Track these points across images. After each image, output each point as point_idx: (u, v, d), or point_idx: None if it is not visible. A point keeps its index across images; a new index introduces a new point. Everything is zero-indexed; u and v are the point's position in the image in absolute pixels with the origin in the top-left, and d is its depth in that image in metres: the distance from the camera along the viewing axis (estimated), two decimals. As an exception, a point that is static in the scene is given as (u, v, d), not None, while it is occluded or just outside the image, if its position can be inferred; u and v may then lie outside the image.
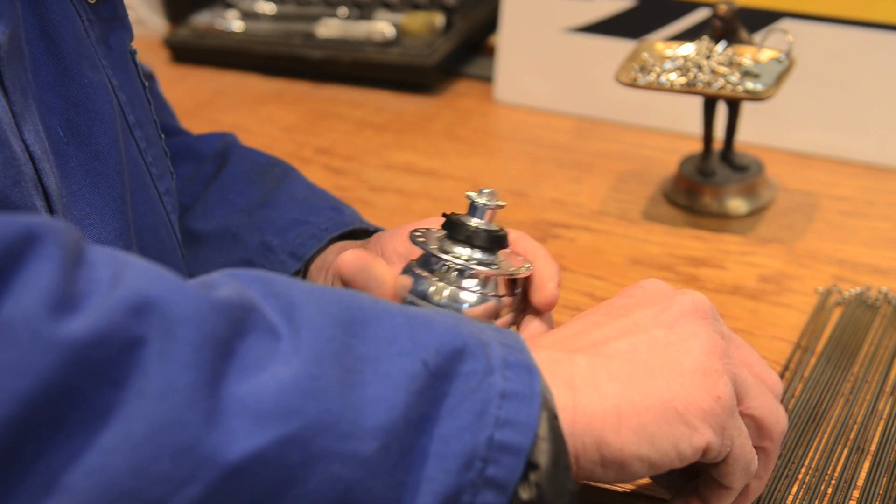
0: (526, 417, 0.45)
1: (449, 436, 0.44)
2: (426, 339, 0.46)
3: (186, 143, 0.83)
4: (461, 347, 0.46)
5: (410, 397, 0.44)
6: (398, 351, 0.45)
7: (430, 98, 1.22)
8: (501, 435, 0.45)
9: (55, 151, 0.58)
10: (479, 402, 0.45)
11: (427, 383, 0.44)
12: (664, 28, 1.10)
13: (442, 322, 0.47)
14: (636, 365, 0.51)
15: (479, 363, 0.46)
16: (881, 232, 0.92)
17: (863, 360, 0.77)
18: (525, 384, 0.46)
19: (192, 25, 1.36)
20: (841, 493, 0.66)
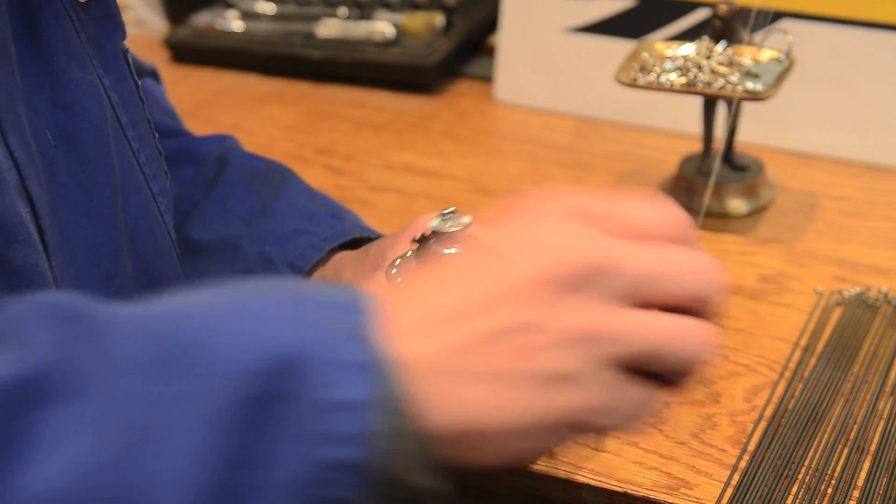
0: (359, 428, 0.41)
1: (278, 465, 0.40)
2: (240, 361, 0.40)
3: (187, 146, 0.82)
4: (283, 359, 0.41)
5: (223, 438, 0.40)
6: (205, 388, 0.40)
7: (430, 98, 1.22)
8: (331, 452, 0.41)
9: (42, 154, 0.58)
10: (305, 421, 0.40)
11: (242, 416, 0.40)
12: (664, 28, 1.10)
13: (265, 325, 0.42)
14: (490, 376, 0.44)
15: (302, 376, 0.41)
16: (881, 232, 0.92)
17: (863, 360, 0.77)
18: (360, 389, 0.41)
19: (192, 25, 1.36)
20: (841, 493, 0.66)
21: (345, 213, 0.78)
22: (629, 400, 0.46)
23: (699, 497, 0.67)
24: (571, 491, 0.69)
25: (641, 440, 0.71)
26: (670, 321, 0.45)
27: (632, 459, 0.70)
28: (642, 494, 0.67)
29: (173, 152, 0.80)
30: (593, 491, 0.68)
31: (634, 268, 0.45)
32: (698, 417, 0.73)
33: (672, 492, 0.67)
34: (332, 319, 0.42)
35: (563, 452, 0.70)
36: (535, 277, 0.44)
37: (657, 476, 0.68)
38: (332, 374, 0.41)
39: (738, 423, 0.72)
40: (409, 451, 0.42)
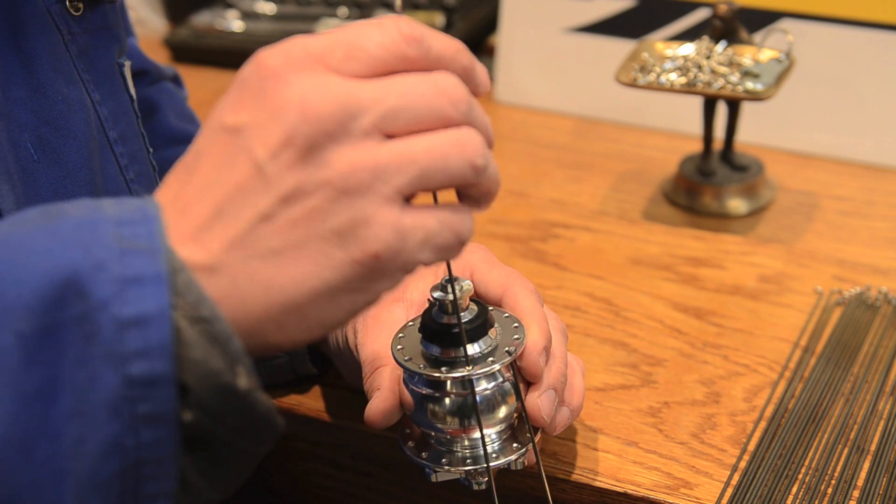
0: (156, 341, 0.41)
1: (84, 388, 0.40)
2: (19, 293, 0.40)
3: None
4: (69, 285, 0.41)
5: (23, 374, 0.40)
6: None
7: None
8: (136, 368, 0.41)
9: (23, 168, 0.58)
10: (101, 344, 0.41)
11: (30, 351, 0.40)
12: (664, 28, 1.10)
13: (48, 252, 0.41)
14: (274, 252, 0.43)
15: (88, 301, 0.41)
16: (881, 232, 0.92)
17: (863, 360, 0.77)
18: (152, 301, 0.41)
19: (192, 25, 1.36)
20: (841, 493, 0.66)
21: None
22: (425, 228, 0.45)
23: (699, 497, 0.67)
24: (571, 491, 0.69)
25: (641, 440, 0.71)
26: (428, 140, 0.44)
27: (632, 459, 0.70)
28: (642, 494, 0.67)
29: None
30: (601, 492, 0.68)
31: (377, 105, 0.44)
32: (698, 417, 0.73)
33: (672, 492, 0.67)
34: (116, 236, 0.42)
35: (564, 453, 0.70)
36: (279, 143, 0.43)
37: (657, 476, 0.68)
38: (122, 291, 0.41)
39: (738, 423, 0.72)
40: (215, 354, 0.42)
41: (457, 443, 0.61)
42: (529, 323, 0.62)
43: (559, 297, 0.86)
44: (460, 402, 0.59)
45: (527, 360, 0.61)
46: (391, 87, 0.44)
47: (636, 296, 0.86)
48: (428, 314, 0.59)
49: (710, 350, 0.79)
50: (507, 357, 0.58)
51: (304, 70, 0.44)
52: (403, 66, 0.45)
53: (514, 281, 0.65)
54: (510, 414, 0.61)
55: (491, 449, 0.61)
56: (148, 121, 0.80)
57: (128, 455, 0.41)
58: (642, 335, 0.81)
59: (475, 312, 0.59)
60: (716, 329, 0.81)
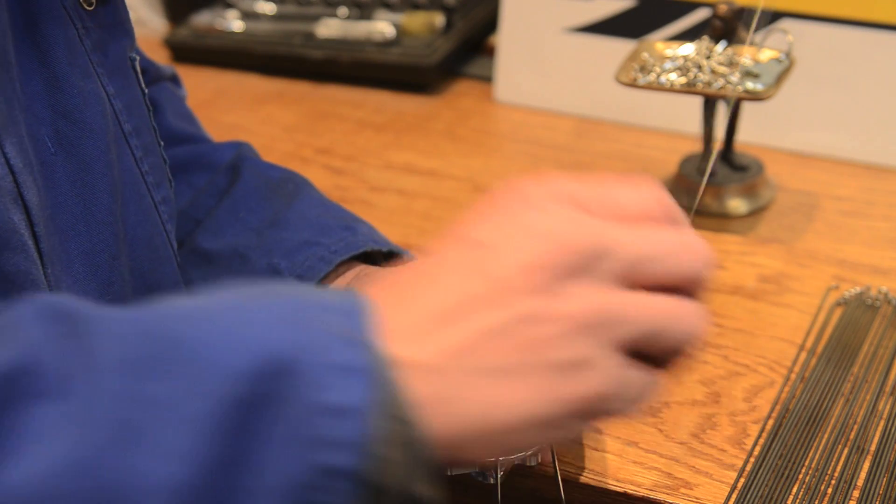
0: (356, 433, 0.40)
1: (268, 468, 0.39)
2: (233, 362, 0.40)
3: (201, 152, 0.81)
4: (278, 361, 0.40)
5: (213, 441, 0.39)
6: (195, 389, 0.39)
7: (430, 98, 1.22)
8: (323, 457, 0.40)
9: (41, 162, 0.58)
10: (301, 425, 0.40)
11: (234, 418, 0.39)
12: (664, 28, 1.10)
13: (260, 327, 0.41)
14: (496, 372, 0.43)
15: (298, 378, 0.40)
16: (881, 232, 0.92)
17: (863, 360, 0.77)
18: (357, 393, 0.40)
19: (192, 25, 1.36)
20: (841, 493, 0.66)
21: (358, 224, 0.76)
22: (635, 383, 0.45)
23: (699, 497, 0.67)
24: (571, 491, 0.69)
25: (641, 440, 0.71)
26: (666, 300, 0.45)
27: (632, 459, 0.70)
28: (642, 494, 0.67)
29: (187, 159, 0.80)
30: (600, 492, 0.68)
31: (627, 249, 0.44)
32: (698, 417, 0.73)
33: (672, 492, 0.67)
34: (328, 322, 0.41)
35: (564, 453, 0.70)
36: (528, 266, 0.43)
37: (657, 476, 0.68)
38: (327, 377, 0.40)
39: (738, 423, 0.72)
40: (406, 458, 0.41)
41: None
42: None
43: (559, 297, 0.86)
44: None
45: None
46: (645, 235, 0.45)
47: (636, 296, 0.86)
48: None
49: (710, 350, 0.79)
50: None
51: (560, 203, 0.44)
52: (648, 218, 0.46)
53: None
54: None
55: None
56: None
57: None
58: (642, 335, 0.81)
59: None
60: (716, 329, 0.81)
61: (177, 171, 0.80)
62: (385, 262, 0.74)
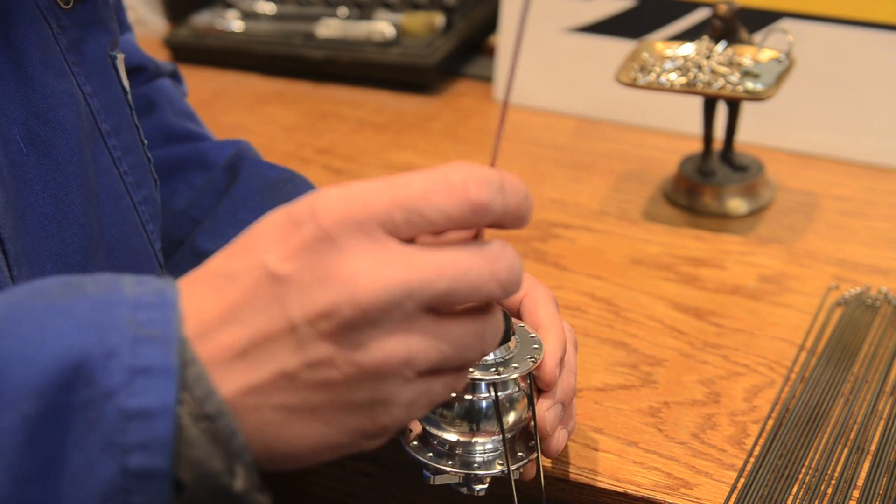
0: (161, 435, 0.40)
1: (80, 474, 0.40)
2: (29, 376, 0.40)
3: (199, 151, 0.81)
4: (76, 370, 0.40)
5: (19, 455, 0.39)
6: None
7: (430, 98, 1.22)
8: (134, 461, 0.40)
9: (13, 162, 0.58)
10: (103, 432, 0.40)
11: (32, 434, 0.40)
12: (664, 28, 1.10)
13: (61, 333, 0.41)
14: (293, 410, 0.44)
15: (96, 388, 0.40)
16: (881, 232, 0.92)
17: (863, 360, 0.77)
18: (159, 395, 0.40)
19: (192, 25, 1.36)
20: (841, 493, 0.66)
21: None
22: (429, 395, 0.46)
23: (699, 497, 0.67)
24: (571, 491, 0.69)
25: (641, 440, 0.71)
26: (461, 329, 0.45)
27: (632, 459, 0.70)
28: (642, 494, 0.67)
29: (186, 157, 0.80)
30: (601, 492, 0.68)
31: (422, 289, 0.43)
32: (698, 417, 0.73)
33: (672, 492, 0.67)
34: (133, 321, 0.41)
35: (563, 453, 0.70)
36: (324, 312, 0.42)
37: (657, 476, 0.68)
38: (130, 380, 0.40)
39: (738, 423, 0.72)
40: (218, 452, 0.42)
41: (461, 447, 0.60)
42: (548, 332, 0.62)
43: (559, 297, 0.86)
44: (469, 406, 0.59)
45: (544, 369, 0.60)
46: (446, 268, 0.43)
47: (636, 296, 0.86)
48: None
49: (710, 350, 0.79)
50: (529, 364, 0.58)
51: (360, 238, 0.43)
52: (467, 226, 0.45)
53: (534, 286, 0.65)
54: (518, 423, 0.60)
55: (491, 456, 0.60)
56: (145, 118, 0.80)
57: None
58: (642, 335, 0.81)
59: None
60: (716, 329, 0.81)
61: (175, 169, 0.79)
62: None
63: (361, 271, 0.42)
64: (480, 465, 0.60)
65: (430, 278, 0.43)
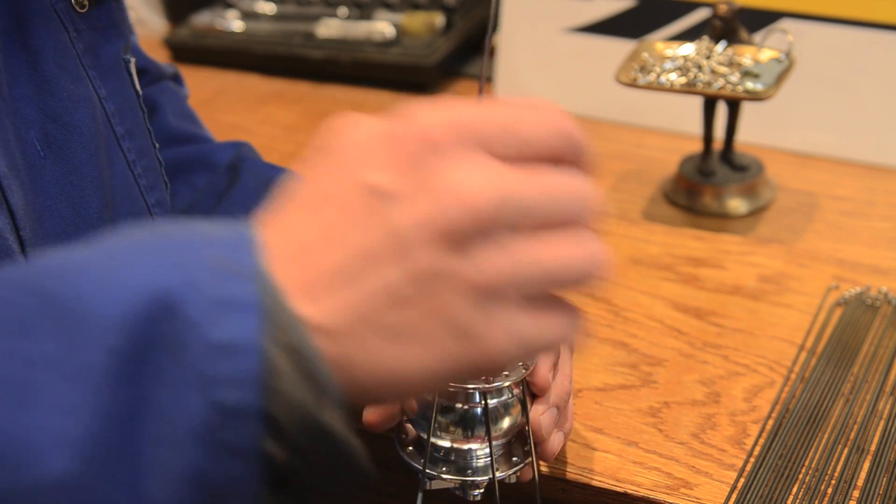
0: (246, 370, 0.39)
1: (170, 412, 0.38)
2: (116, 310, 0.39)
3: (201, 153, 0.81)
4: (163, 303, 0.39)
5: (104, 392, 0.38)
6: (79, 343, 0.38)
7: (430, 98, 1.22)
8: (224, 395, 0.38)
9: (30, 165, 0.58)
10: (190, 366, 0.38)
11: (123, 367, 0.38)
12: (664, 28, 1.10)
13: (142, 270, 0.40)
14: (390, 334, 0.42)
15: (181, 320, 0.39)
16: (881, 232, 0.92)
17: (863, 360, 0.77)
18: (247, 328, 0.39)
19: (192, 25, 1.36)
20: (841, 493, 0.66)
21: None
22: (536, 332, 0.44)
23: (699, 497, 0.67)
24: (571, 491, 0.69)
25: (641, 440, 0.71)
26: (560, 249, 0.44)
27: (632, 459, 0.70)
28: (642, 494, 0.67)
29: (187, 159, 0.80)
30: (601, 492, 0.68)
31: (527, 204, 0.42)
32: (698, 417, 0.73)
33: (672, 492, 0.67)
34: (213, 257, 0.40)
35: (563, 453, 0.70)
36: (431, 224, 0.41)
37: (657, 476, 0.68)
38: (215, 314, 0.39)
39: (738, 423, 0.72)
40: (309, 387, 0.40)
41: (456, 453, 0.61)
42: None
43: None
44: (464, 412, 0.59)
45: (537, 375, 0.60)
46: (544, 186, 0.43)
47: (636, 296, 0.86)
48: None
49: (710, 350, 0.79)
50: (521, 371, 0.58)
51: (464, 149, 0.42)
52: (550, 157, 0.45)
53: None
54: (512, 428, 0.60)
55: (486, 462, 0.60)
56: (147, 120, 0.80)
57: (209, 485, 0.39)
58: (642, 335, 0.81)
59: None
60: (716, 329, 0.81)
61: (177, 171, 0.79)
62: None
63: (472, 180, 0.41)
64: (476, 470, 0.60)
65: (536, 193, 0.42)
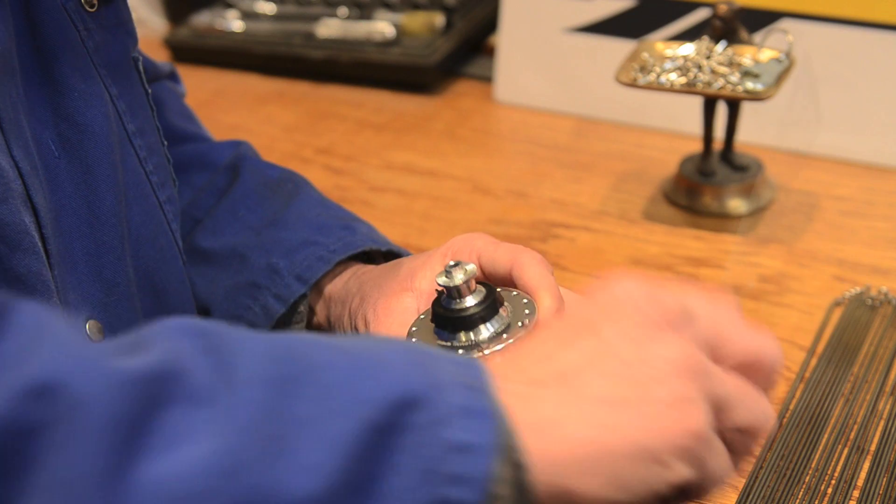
0: (480, 472, 0.42)
1: (394, 496, 0.41)
2: (370, 391, 0.42)
3: (200, 152, 0.81)
4: (411, 396, 0.43)
5: (347, 460, 0.41)
6: (336, 409, 0.42)
7: (430, 98, 1.22)
8: (453, 493, 0.42)
9: (45, 165, 0.58)
10: (427, 458, 0.42)
11: (368, 442, 0.41)
12: (664, 28, 1.10)
13: (392, 366, 0.44)
14: (605, 400, 0.46)
15: (429, 413, 0.42)
16: (881, 232, 0.92)
17: (863, 360, 0.77)
18: (482, 434, 0.42)
19: (192, 25, 1.36)
20: (841, 493, 0.66)
21: (357, 224, 0.76)
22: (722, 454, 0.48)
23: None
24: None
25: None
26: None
27: (632, 459, 0.70)
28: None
29: (187, 158, 0.80)
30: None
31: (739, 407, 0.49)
32: (698, 417, 0.73)
33: (672, 492, 0.67)
34: (452, 372, 0.44)
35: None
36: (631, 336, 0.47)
37: (657, 476, 0.68)
38: (455, 416, 0.42)
39: (738, 424, 0.72)
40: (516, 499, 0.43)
41: None
42: (540, 290, 0.62)
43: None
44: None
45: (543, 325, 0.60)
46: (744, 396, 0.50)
47: (636, 296, 0.86)
48: (437, 302, 0.59)
49: (711, 350, 0.79)
50: (522, 331, 0.58)
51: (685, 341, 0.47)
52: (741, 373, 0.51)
53: (521, 253, 0.64)
54: None
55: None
56: None
57: None
58: (642, 335, 0.81)
59: (483, 294, 0.59)
60: (716, 329, 0.81)
61: (177, 170, 0.80)
62: (384, 261, 0.74)
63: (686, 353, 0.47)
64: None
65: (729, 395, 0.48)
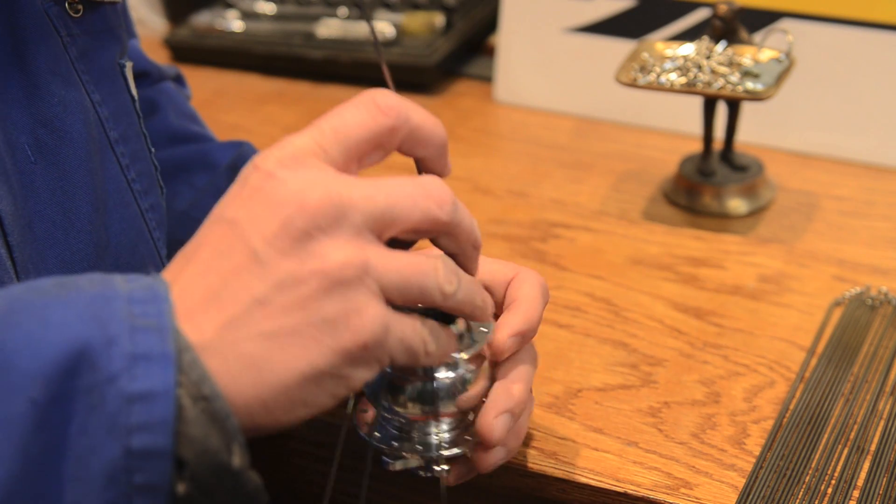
0: (162, 415, 0.43)
1: (85, 456, 0.42)
2: (32, 364, 0.42)
3: (202, 152, 0.81)
4: (77, 358, 0.43)
5: (22, 441, 0.42)
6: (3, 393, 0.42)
7: (430, 98, 1.22)
8: (137, 441, 0.43)
9: (21, 170, 0.58)
10: (105, 415, 0.43)
11: (41, 418, 0.42)
12: (664, 28, 1.10)
13: (59, 326, 0.43)
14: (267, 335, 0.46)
15: (98, 373, 0.43)
16: (881, 232, 0.92)
17: (863, 360, 0.77)
18: (160, 378, 0.43)
19: (192, 25, 1.36)
20: (841, 493, 0.66)
21: None
22: (409, 329, 0.48)
23: (699, 497, 0.67)
24: (571, 491, 0.69)
25: (641, 440, 0.71)
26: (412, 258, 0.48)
27: (632, 459, 0.70)
28: (642, 494, 0.67)
29: (189, 158, 0.80)
30: (601, 492, 0.68)
31: (363, 204, 0.47)
32: (698, 417, 0.73)
33: (672, 492, 0.67)
34: (129, 313, 0.44)
35: (563, 453, 0.70)
36: (273, 234, 0.46)
37: (657, 476, 0.68)
38: (131, 366, 0.43)
39: (738, 423, 0.72)
40: (216, 432, 0.44)
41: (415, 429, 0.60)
42: (518, 307, 0.61)
43: (559, 297, 0.86)
44: (422, 387, 0.59)
45: (495, 339, 0.59)
46: (380, 188, 0.48)
47: (636, 296, 0.86)
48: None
49: (710, 350, 0.79)
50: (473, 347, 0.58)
51: (298, 167, 0.48)
52: (389, 138, 0.52)
53: (526, 270, 0.64)
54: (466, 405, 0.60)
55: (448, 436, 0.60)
56: (148, 120, 0.80)
57: None
58: (642, 335, 0.81)
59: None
60: (716, 329, 0.81)
61: (178, 170, 0.80)
62: None
63: (306, 186, 0.47)
64: (437, 445, 0.60)
65: (370, 194, 0.48)
